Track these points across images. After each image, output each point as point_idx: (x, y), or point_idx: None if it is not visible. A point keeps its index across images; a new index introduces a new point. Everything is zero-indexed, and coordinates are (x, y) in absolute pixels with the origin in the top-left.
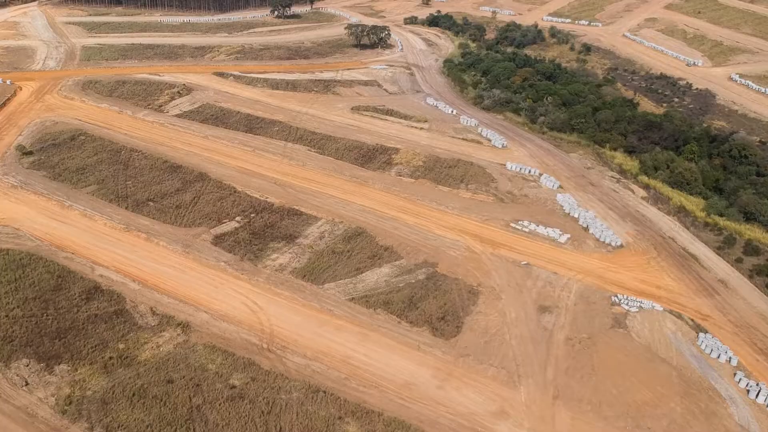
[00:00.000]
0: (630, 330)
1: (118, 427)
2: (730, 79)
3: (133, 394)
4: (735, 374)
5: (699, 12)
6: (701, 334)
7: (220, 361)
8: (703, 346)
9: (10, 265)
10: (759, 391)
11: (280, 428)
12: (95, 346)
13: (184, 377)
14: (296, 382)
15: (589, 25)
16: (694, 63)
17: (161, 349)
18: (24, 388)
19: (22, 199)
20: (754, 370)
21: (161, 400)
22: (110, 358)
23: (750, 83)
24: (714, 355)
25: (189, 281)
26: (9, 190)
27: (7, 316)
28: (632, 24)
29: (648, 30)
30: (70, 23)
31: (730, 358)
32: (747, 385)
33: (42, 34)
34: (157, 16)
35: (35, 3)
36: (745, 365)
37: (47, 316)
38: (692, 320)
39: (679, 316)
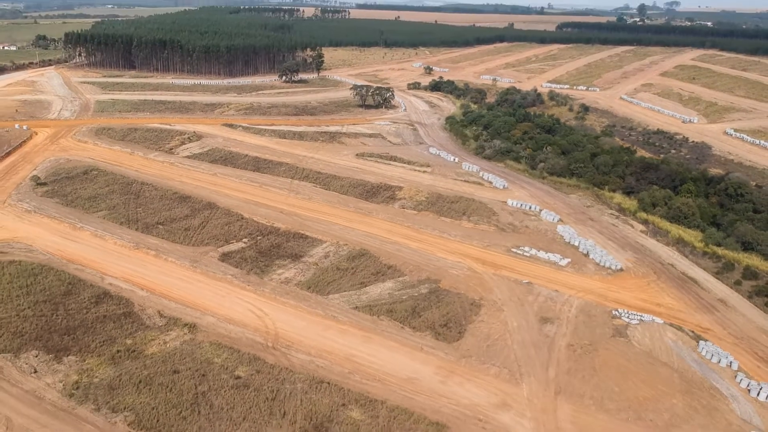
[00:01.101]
0: (631, 339)
1: (124, 408)
2: (725, 133)
3: (140, 381)
4: (736, 376)
5: (694, 78)
6: (702, 342)
7: (225, 355)
8: (703, 353)
9: (21, 273)
10: (760, 390)
11: (284, 412)
12: (103, 342)
13: (189, 368)
14: (300, 374)
15: (587, 90)
16: (690, 120)
17: (168, 345)
18: (32, 374)
19: (35, 221)
20: (756, 375)
21: (167, 387)
22: (118, 351)
23: (745, 136)
24: (715, 360)
25: (196, 291)
26: (23, 214)
27: (17, 315)
28: (629, 88)
29: (644, 93)
30: (85, 82)
31: (731, 362)
32: (748, 385)
33: (58, 90)
34: (169, 79)
35: (52, 66)
36: (747, 370)
37: (57, 315)
38: (692, 332)
39: (680, 329)
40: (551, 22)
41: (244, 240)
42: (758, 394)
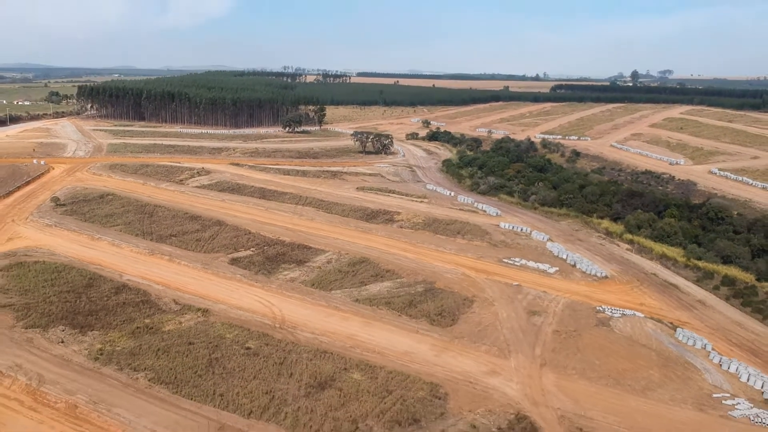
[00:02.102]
0: (613, 328)
1: (145, 369)
2: (710, 172)
3: (158, 350)
4: (709, 354)
5: (681, 128)
6: (679, 329)
7: (236, 332)
8: (680, 337)
9: (46, 270)
10: (731, 364)
11: (291, 373)
12: (123, 321)
13: (203, 341)
14: (305, 347)
15: (578, 139)
16: (677, 162)
17: (183, 325)
18: (60, 344)
19: (56, 233)
20: (728, 355)
21: (183, 354)
22: (137, 327)
23: (729, 174)
24: (690, 343)
25: (207, 286)
26: (44, 227)
27: (44, 301)
28: (619, 137)
29: (634, 141)
30: (97, 130)
31: (705, 344)
32: (720, 361)
33: (71, 135)
34: (177, 128)
35: (65, 118)
36: (720, 352)
37: (80, 302)
38: (671, 323)
39: (659, 321)
40: (545, 87)
41: (252, 249)
42: (728, 368)
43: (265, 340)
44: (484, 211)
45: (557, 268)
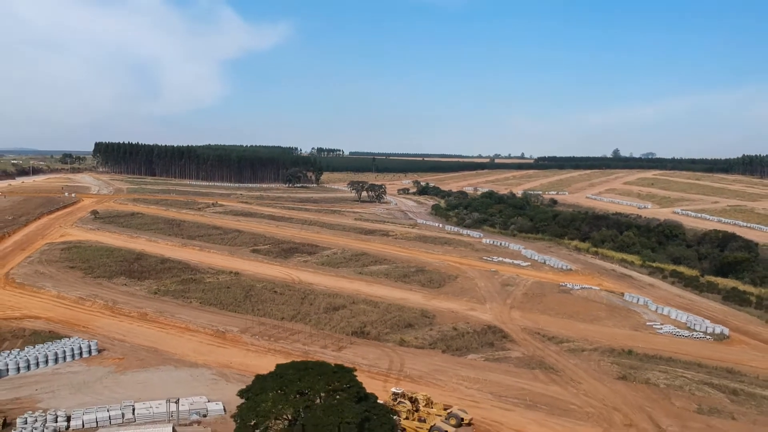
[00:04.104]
0: (572, 293)
1: (195, 298)
2: (674, 212)
3: (203, 290)
4: (649, 306)
5: (652, 184)
6: (627, 294)
7: (264, 284)
8: (627, 298)
9: (100, 249)
10: (664, 309)
11: (311, 303)
12: (172, 276)
13: (238, 287)
14: (321, 292)
15: (557, 194)
16: (645, 207)
17: (220, 279)
18: (123, 286)
19: (99, 234)
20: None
21: (224, 292)
22: (183, 279)
23: (689, 212)
24: (634, 301)
25: (235, 263)
26: (89, 230)
27: (104, 265)
28: (594, 191)
29: (607, 194)
30: (113, 180)
31: (647, 302)
32: (656, 308)
33: (92, 182)
34: (187, 181)
35: (81, 172)
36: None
37: (133, 266)
38: (621, 293)
39: (612, 292)
40: (529, 162)
41: (269, 245)
42: (663, 312)
43: (288, 288)
44: (469, 234)
45: (529, 263)
